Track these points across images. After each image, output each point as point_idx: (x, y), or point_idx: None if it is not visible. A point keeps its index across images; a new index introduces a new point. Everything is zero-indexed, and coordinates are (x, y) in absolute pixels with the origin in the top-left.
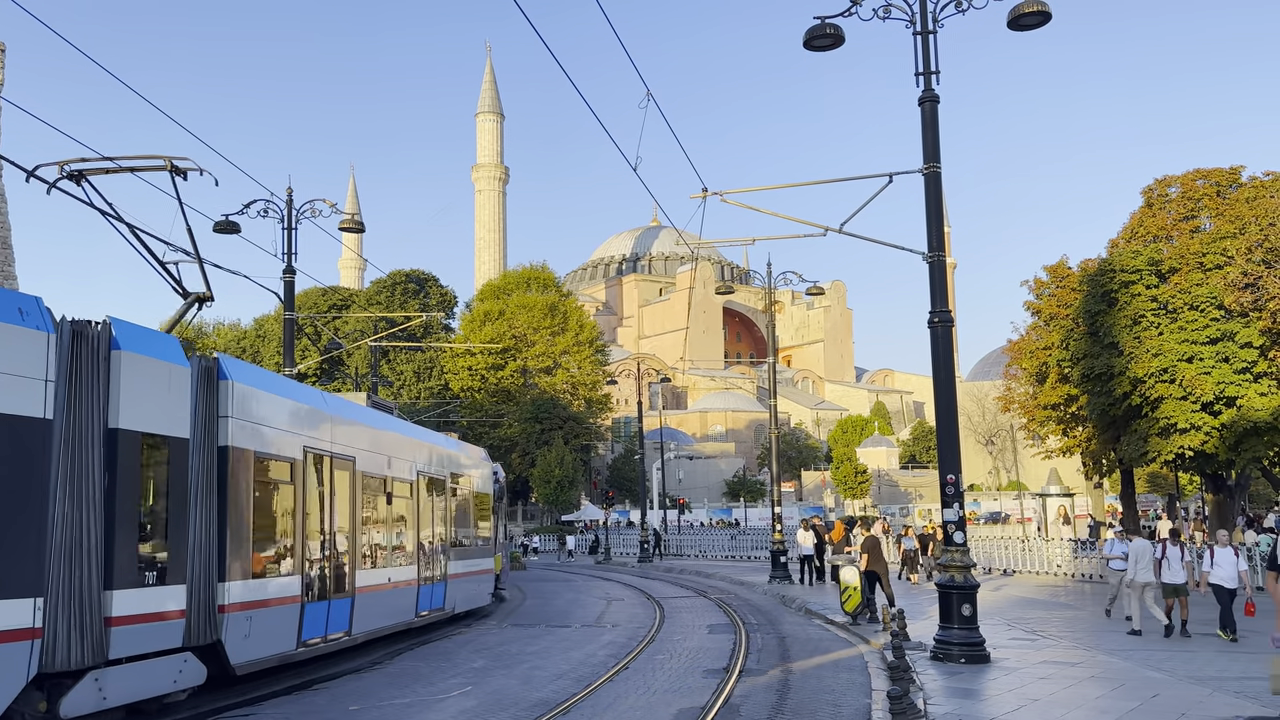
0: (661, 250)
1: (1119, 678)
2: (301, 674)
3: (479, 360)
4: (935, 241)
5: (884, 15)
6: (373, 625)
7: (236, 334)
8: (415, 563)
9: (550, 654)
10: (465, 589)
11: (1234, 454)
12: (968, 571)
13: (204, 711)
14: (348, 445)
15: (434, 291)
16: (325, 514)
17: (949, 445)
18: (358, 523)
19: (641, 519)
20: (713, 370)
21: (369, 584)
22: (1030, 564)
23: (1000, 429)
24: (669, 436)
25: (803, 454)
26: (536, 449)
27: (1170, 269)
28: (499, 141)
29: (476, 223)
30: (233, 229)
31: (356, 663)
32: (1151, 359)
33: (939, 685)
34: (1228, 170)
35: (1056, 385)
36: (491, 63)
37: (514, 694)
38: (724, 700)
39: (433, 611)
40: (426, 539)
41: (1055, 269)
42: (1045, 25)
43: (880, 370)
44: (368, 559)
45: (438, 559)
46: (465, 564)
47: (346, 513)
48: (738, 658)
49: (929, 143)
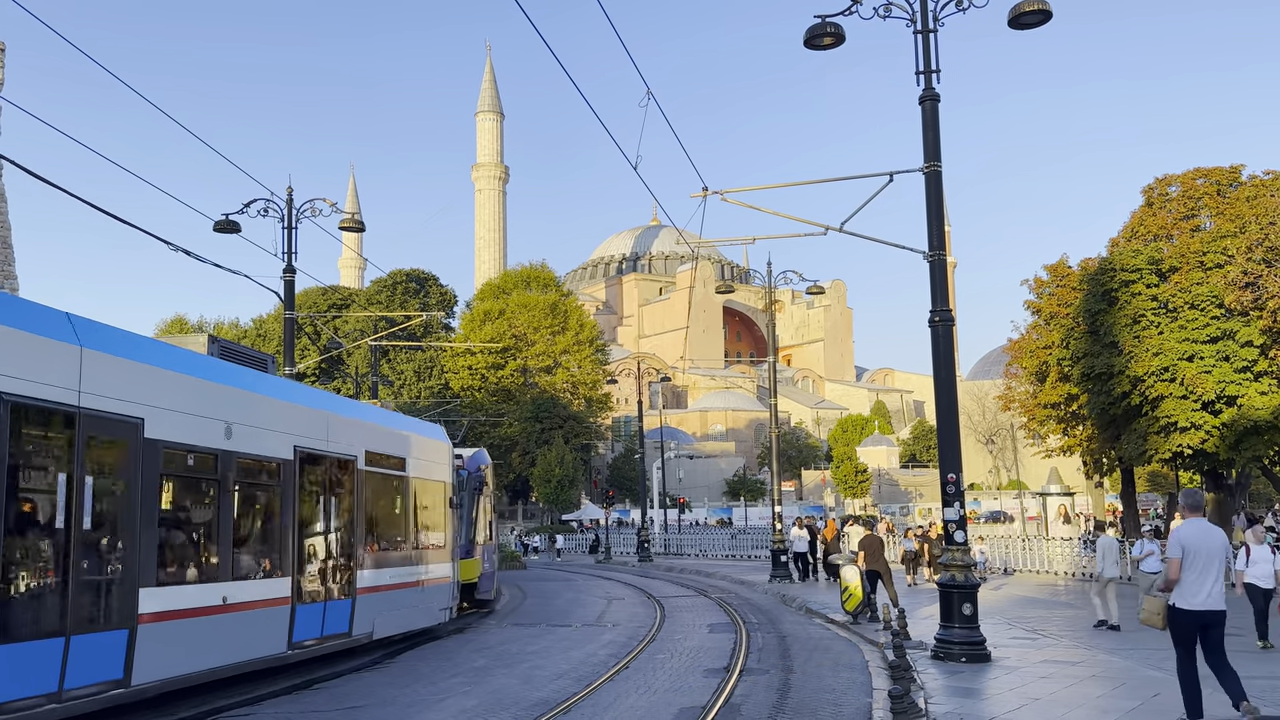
0: (661, 249)
1: (1120, 677)
2: (301, 673)
3: (479, 360)
4: (936, 240)
5: (884, 14)
6: (179, 668)
7: (236, 333)
8: (289, 573)
9: (551, 653)
10: (395, 605)
11: (1234, 453)
12: (969, 570)
13: (204, 711)
14: (123, 398)
15: (434, 291)
16: (71, 504)
17: (950, 444)
18: (147, 517)
19: (642, 518)
20: (713, 369)
21: (174, 608)
22: (1030, 563)
23: (1000, 428)
24: (669, 436)
25: (803, 453)
26: (537, 448)
27: (1170, 268)
28: (499, 141)
29: (476, 222)
30: (233, 228)
31: (357, 661)
32: (1152, 358)
33: (940, 684)
34: (1228, 169)
35: (1057, 384)
36: (491, 62)
37: (514, 693)
38: (725, 699)
39: (327, 639)
40: (314, 541)
41: (1055, 268)
42: (1046, 24)
43: (880, 369)
44: (174, 569)
45: (337, 568)
46: (395, 573)
47: (124, 502)
48: (738, 657)
49: (929, 141)
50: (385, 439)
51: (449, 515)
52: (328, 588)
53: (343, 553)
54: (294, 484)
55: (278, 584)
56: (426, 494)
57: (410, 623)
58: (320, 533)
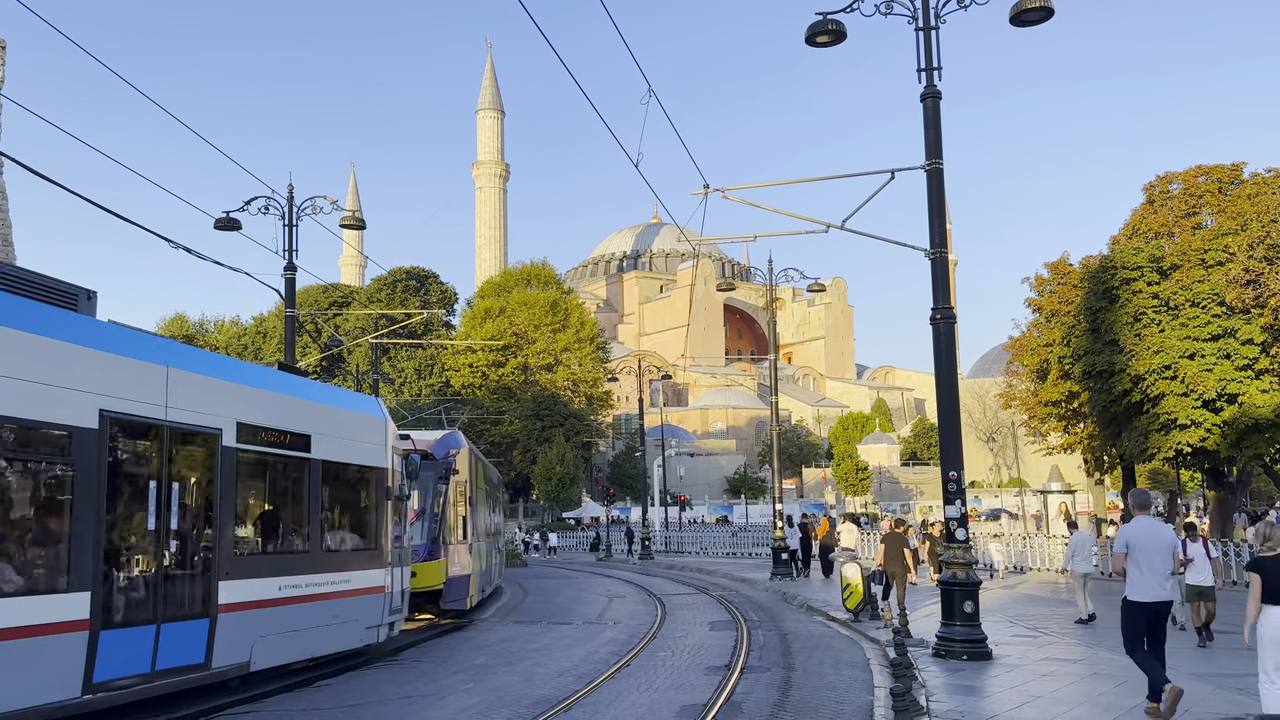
0: (662, 247)
1: (1121, 674)
2: (302, 671)
3: (480, 357)
4: (937, 238)
5: (886, 11)
6: None
7: (237, 331)
8: (87, 587)
9: (552, 651)
10: (287, 624)
11: (1235, 451)
12: (970, 568)
13: (205, 709)
14: None
15: (434, 288)
16: None
17: (951, 442)
18: None
19: (643, 516)
20: (714, 367)
21: None
22: (1032, 561)
23: (1001, 426)
24: (670, 433)
25: (804, 451)
26: (537, 446)
27: (1172, 266)
28: (499, 138)
29: (477, 220)
30: (234, 226)
31: (357, 660)
32: (1153, 356)
33: (941, 682)
34: (1229, 167)
35: (1058, 382)
36: (492, 60)
37: (515, 691)
38: (726, 697)
39: (163, 674)
40: (139, 541)
41: (1057, 266)
42: (1047, 21)
43: (881, 367)
44: None
45: (184, 577)
46: (287, 584)
47: None
48: (739, 655)
49: (931, 139)
50: (271, 408)
51: (386, 509)
52: (165, 605)
53: (192, 557)
54: (99, 463)
55: (62, 602)
56: (345, 482)
57: (316, 646)
58: (151, 531)
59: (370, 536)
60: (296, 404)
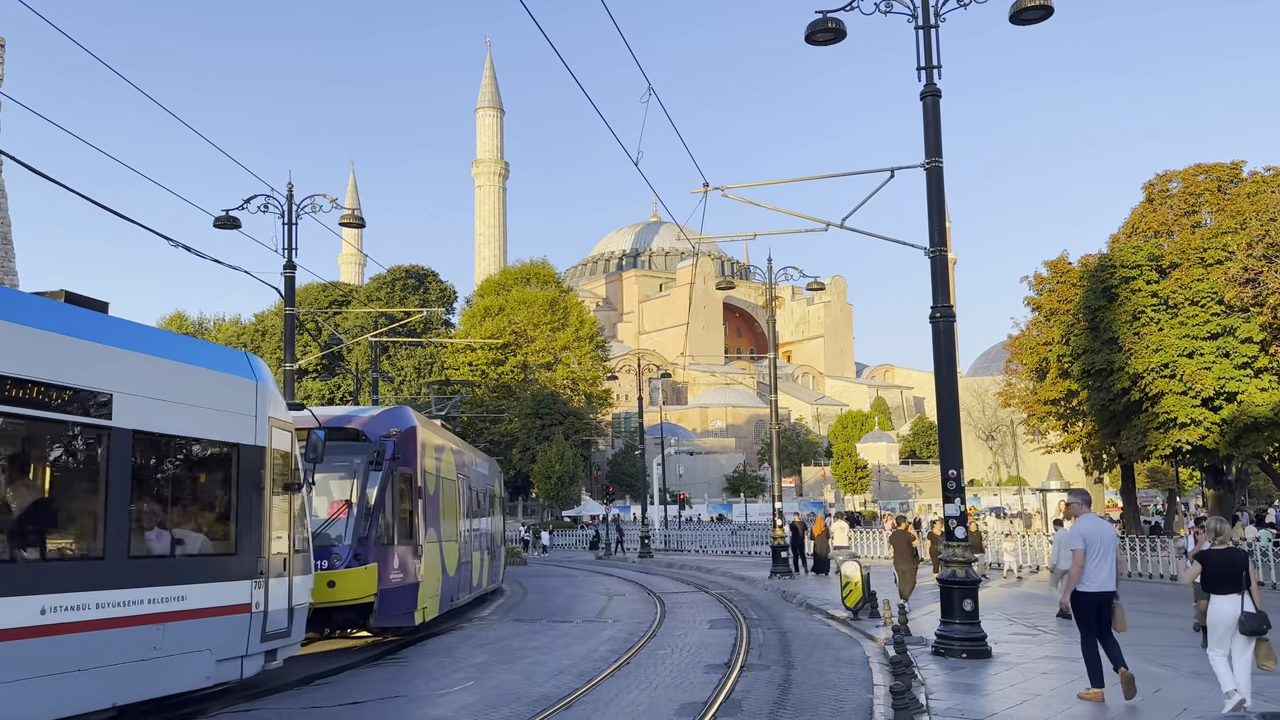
0: (662, 245)
1: None
2: (302, 670)
3: (479, 356)
4: (937, 236)
5: (885, 9)
6: None
7: (237, 329)
8: None
9: (551, 649)
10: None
11: (1234, 449)
12: (969, 567)
13: (201, 707)
14: None
15: (434, 287)
16: None
17: (950, 440)
18: None
19: (642, 514)
20: (713, 366)
21: None
22: (1029, 559)
23: (1000, 424)
24: (669, 432)
25: (803, 449)
26: (537, 444)
27: (1171, 264)
28: (499, 137)
29: (476, 218)
30: (233, 224)
31: (358, 657)
32: (1152, 354)
33: (941, 680)
34: (1229, 165)
35: (1057, 380)
36: (491, 58)
37: (515, 689)
38: (726, 695)
39: None
40: None
41: (1056, 264)
42: (1047, 20)
43: (880, 365)
44: None
45: None
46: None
47: None
48: (739, 653)
49: (931, 137)
50: (34, 351)
51: (260, 502)
52: None
53: None
54: None
55: None
56: (182, 463)
57: (117, 689)
58: None
59: (228, 537)
60: (87, 350)
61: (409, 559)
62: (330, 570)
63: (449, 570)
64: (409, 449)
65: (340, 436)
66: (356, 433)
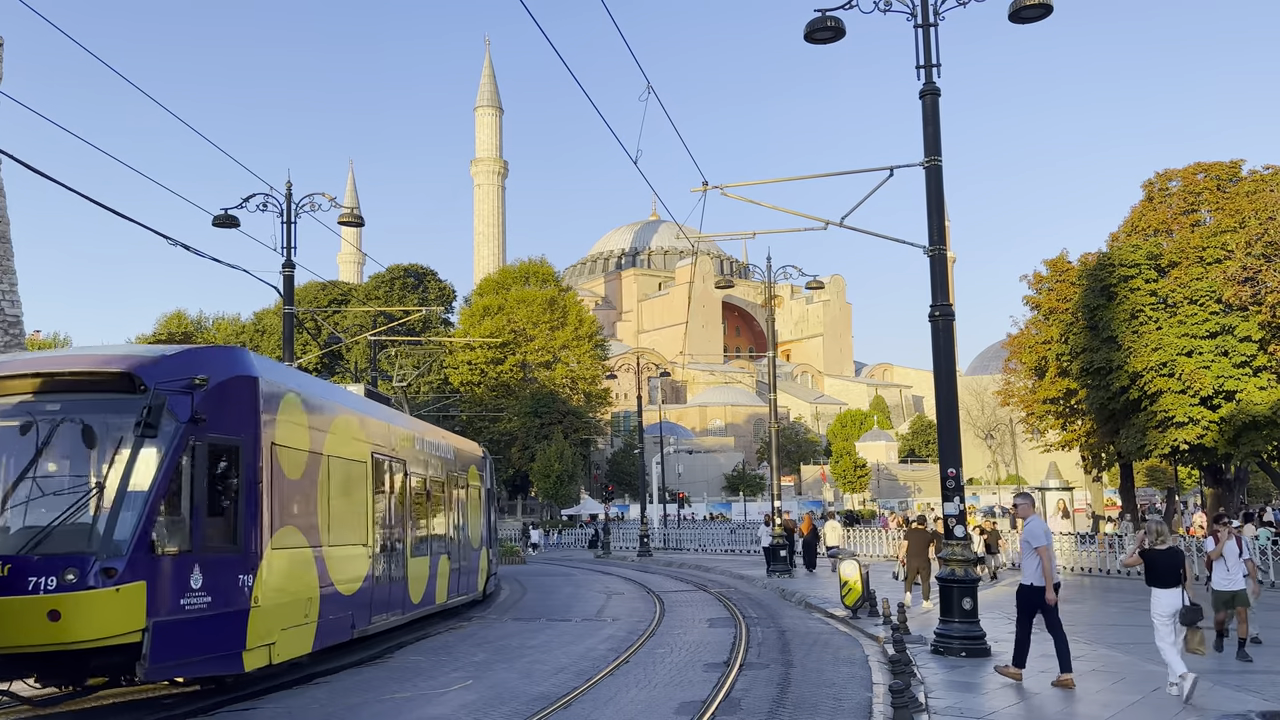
0: (661, 244)
1: (1120, 671)
2: (301, 669)
3: (478, 355)
4: (936, 235)
5: (885, 8)
6: None
7: (236, 328)
8: None
9: (551, 648)
10: None
11: (1233, 448)
12: (969, 565)
13: (205, 707)
14: None
15: (433, 286)
16: None
17: (950, 439)
18: None
19: (641, 513)
20: (712, 365)
21: None
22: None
23: (999, 423)
24: (668, 431)
25: (802, 448)
26: (536, 443)
27: (1170, 263)
28: (498, 135)
29: (475, 217)
30: (232, 223)
31: (357, 656)
32: (1150, 353)
33: (940, 678)
34: (1228, 164)
35: (1055, 379)
36: (490, 57)
37: (515, 688)
38: (725, 693)
39: None
40: None
41: (1055, 263)
42: (1046, 18)
43: (879, 364)
44: None
45: None
46: None
47: None
48: (738, 651)
49: (930, 136)
50: None
51: None
52: None
53: None
54: None
55: None
56: None
57: None
58: None
59: None
60: None
61: (227, 573)
62: (54, 593)
63: (348, 584)
64: (237, 407)
65: (84, 385)
66: (118, 378)
